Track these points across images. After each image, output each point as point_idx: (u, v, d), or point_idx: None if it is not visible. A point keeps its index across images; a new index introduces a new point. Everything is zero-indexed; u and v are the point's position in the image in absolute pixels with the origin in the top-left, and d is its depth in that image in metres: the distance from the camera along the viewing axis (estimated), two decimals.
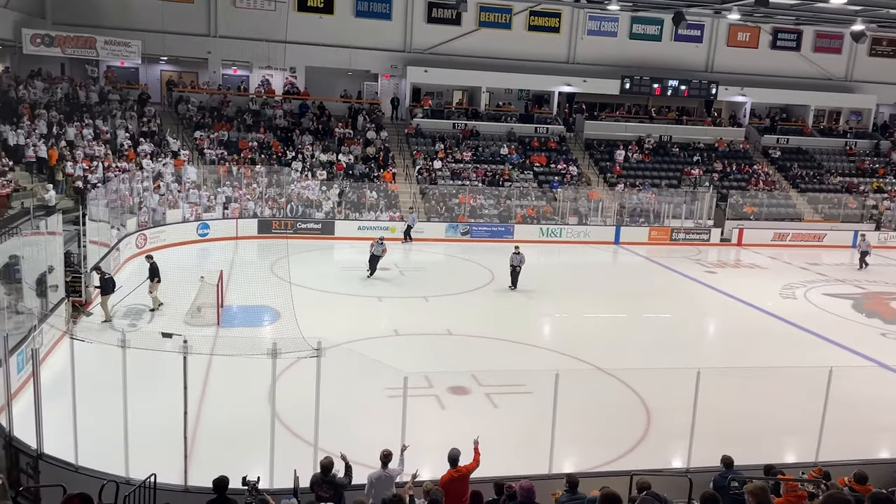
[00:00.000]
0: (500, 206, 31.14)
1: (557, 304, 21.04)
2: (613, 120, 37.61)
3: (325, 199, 29.30)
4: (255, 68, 34.67)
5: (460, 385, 13.69)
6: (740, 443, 11.24)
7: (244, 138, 31.26)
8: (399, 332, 17.25)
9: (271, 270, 22.39)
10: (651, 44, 37.32)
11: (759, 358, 15.76)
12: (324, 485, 8.02)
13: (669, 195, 32.64)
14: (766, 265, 28.03)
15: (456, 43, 35.48)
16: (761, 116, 39.97)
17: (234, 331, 16.17)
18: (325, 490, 7.99)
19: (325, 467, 8.13)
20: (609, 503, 4.66)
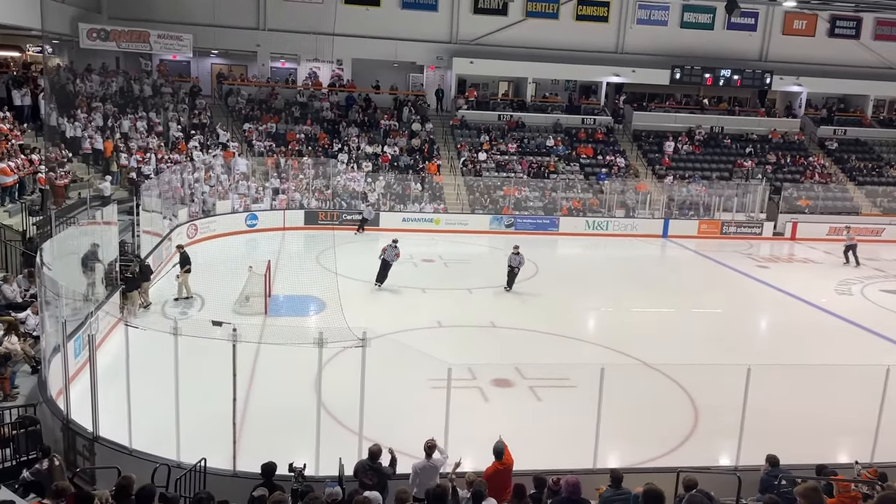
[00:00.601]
0: (546, 198, 30.90)
1: (603, 298, 20.79)
2: (663, 111, 36.91)
3: (370, 191, 29.52)
4: (302, 61, 35.06)
5: (504, 378, 13.66)
6: (791, 441, 10.96)
7: (292, 130, 31.68)
8: (442, 324, 17.28)
9: (317, 261, 22.67)
10: (703, 32, 36.44)
11: (811, 355, 15.32)
12: (369, 472, 8.09)
13: (720, 188, 31.92)
14: (821, 260, 27.21)
15: (502, 34, 35.24)
16: (817, 107, 38.71)
17: (281, 320, 16.42)
18: (369, 477, 8.05)
19: (373, 454, 8.20)
20: (652, 499, 4.58)
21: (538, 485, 7.77)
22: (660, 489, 4.79)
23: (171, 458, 9.18)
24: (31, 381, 12.09)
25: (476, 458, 9.69)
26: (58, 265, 12.36)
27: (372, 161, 30.97)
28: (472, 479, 7.36)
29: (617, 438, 11.09)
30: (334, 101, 33.89)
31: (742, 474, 8.68)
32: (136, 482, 6.58)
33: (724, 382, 11.47)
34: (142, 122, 28.50)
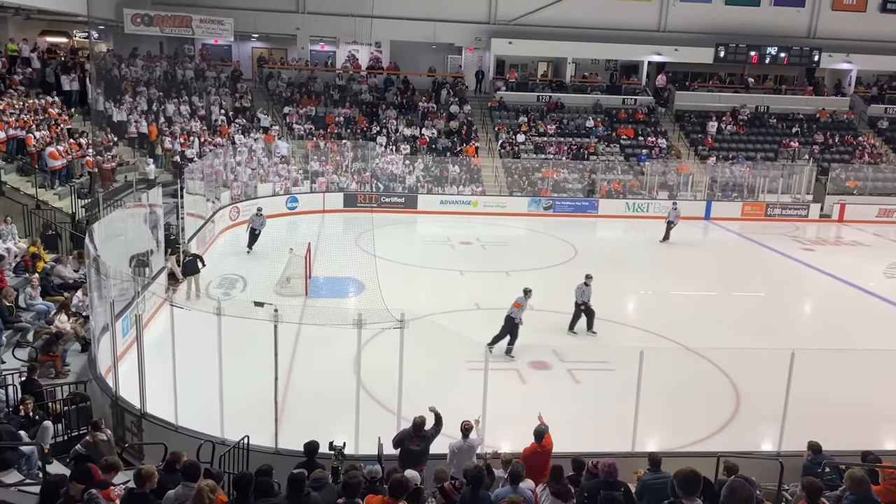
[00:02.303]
0: (585, 180, 30.58)
1: (643, 281, 20.58)
2: (706, 90, 36.09)
3: (408, 173, 29.60)
4: (341, 44, 35.14)
5: (541, 360, 13.67)
6: (836, 427, 10.76)
7: (331, 113, 31.87)
8: (480, 306, 17.31)
9: (356, 243, 22.86)
10: (748, 9, 35.36)
11: (858, 340, 14.96)
12: (415, 438, 8.38)
13: (765, 168, 31.18)
14: (870, 243, 26.47)
15: (541, 13, 34.75)
16: (868, 85, 37.42)
17: (321, 301, 16.64)
18: (416, 443, 8.34)
19: (418, 425, 8.44)
20: (686, 482, 4.53)
21: (576, 467, 7.78)
22: (696, 472, 4.74)
23: (216, 434, 9.42)
24: (81, 360, 12.50)
25: (513, 440, 9.75)
26: (106, 247, 12.70)
27: (410, 143, 31.00)
28: (509, 459, 7.40)
29: (656, 422, 11.03)
30: (373, 84, 33.95)
31: (784, 460, 8.56)
32: (183, 458, 6.78)
33: (766, 367, 11.29)
34: (185, 106, 28.97)
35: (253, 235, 21.19)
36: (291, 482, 6.01)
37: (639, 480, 7.48)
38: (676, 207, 25.03)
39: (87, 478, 6.26)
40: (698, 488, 4.67)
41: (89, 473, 6.34)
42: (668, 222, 24.59)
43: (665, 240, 24.60)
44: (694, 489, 4.57)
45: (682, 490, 4.55)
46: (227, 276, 18.53)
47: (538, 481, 7.54)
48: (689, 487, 4.54)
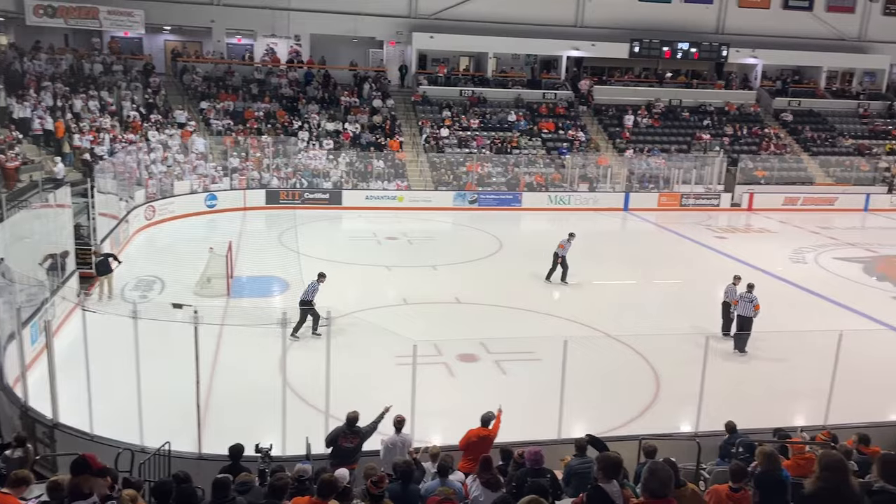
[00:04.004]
0: (509, 173, 30.97)
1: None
2: (622, 84, 37.14)
3: (332, 169, 29.25)
4: (259, 37, 34.34)
5: (469, 353, 13.77)
6: (750, 407, 11.30)
7: (250, 108, 31.11)
8: (408, 301, 17.31)
9: (280, 241, 22.44)
10: (660, 6, 36.58)
11: (768, 322, 15.69)
12: (349, 434, 8.34)
13: (679, 160, 32.36)
14: (777, 230, 27.87)
15: (461, 8, 34.95)
16: (773, 78, 39.36)
17: (244, 301, 16.27)
18: (349, 440, 8.31)
19: (351, 420, 8.38)
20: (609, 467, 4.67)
21: (505, 457, 7.88)
22: (616, 456, 4.89)
23: (135, 442, 9.07)
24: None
25: (444, 432, 9.80)
26: (10, 250, 12.02)
27: (333, 138, 30.63)
28: (437, 453, 7.43)
29: (582, 409, 11.30)
30: (293, 78, 33.34)
31: (701, 440, 8.90)
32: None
33: (684, 351, 11.74)
34: (94, 101, 27.68)
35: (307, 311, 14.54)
36: (216, 487, 5.85)
37: (566, 466, 7.65)
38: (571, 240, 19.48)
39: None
40: (618, 472, 4.81)
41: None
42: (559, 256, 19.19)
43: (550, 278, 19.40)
44: (613, 473, 4.71)
45: (602, 473, 4.69)
46: (144, 277, 17.85)
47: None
48: (608, 471, 4.68)
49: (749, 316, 14.45)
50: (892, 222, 29.92)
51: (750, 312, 14.44)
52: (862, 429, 9.30)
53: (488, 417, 8.60)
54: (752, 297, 14.53)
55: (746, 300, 14.57)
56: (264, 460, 7.80)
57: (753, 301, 14.50)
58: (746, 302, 14.55)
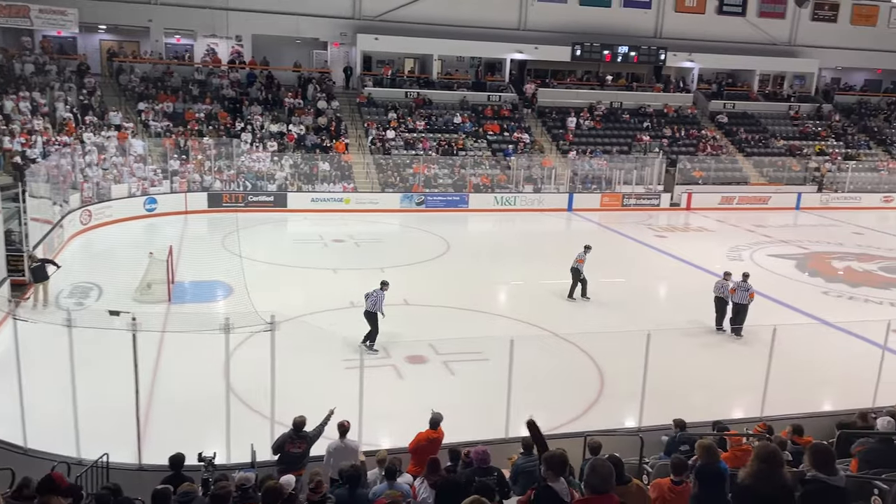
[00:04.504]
0: (455, 175, 31.09)
1: (513, 272, 21.20)
2: (565, 87, 37.71)
3: (276, 171, 28.85)
4: (199, 37, 33.65)
5: (418, 354, 13.76)
6: (691, 401, 11.61)
7: (190, 109, 30.43)
8: (355, 304, 17.12)
9: (223, 245, 22.01)
10: (601, 10, 37.33)
11: (708, 319, 16.18)
12: (296, 440, 8.21)
13: (620, 161, 33.04)
14: (714, 228, 28.72)
15: (406, 10, 34.96)
16: (709, 82, 40.55)
17: (186, 307, 15.90)
18: (296, 445, 8.19)
19: (298, 425, 8.26)
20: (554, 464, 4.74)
21: (453, 458, 7.91)
22: (562, 453, 4.97)
23: (71, 455, 8.77)
24: None
25: (393, 435, 9.78)
26: None
27: (277, 140, 30.22)
28: (384, 457, 7.41)
29: (529, 407, 11.32)
30: (235, 79, 32.76)
31: (644, 435, 9.11)
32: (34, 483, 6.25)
33: (627, 348, 11.97)
34: (25, 102, 26.65)
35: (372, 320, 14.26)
36: (155, 499, 5.71)
37: (513, 465, 7.72)
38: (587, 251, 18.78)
39: None
40: (564, 468, 4.89)
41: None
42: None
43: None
44: (560, 469, 4.78)
45: (549, 471, 4.75)
46: (80, 284, 17.26)
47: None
48: (555, 468, 4.75)
49: (745, 303, 15.60)
50: (822, 220, 31.19)
51: (745, 300, 15.60)
52: (796, 420, 9.68)
53: (437, 419, 8.61)
54: (748, 286, 15.75)
55: (743, 289, 15.72)
56: (207, 469, 7.64)
57: (749, 289, 15.71)
58: (743, 290, 15.68)
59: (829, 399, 12.68)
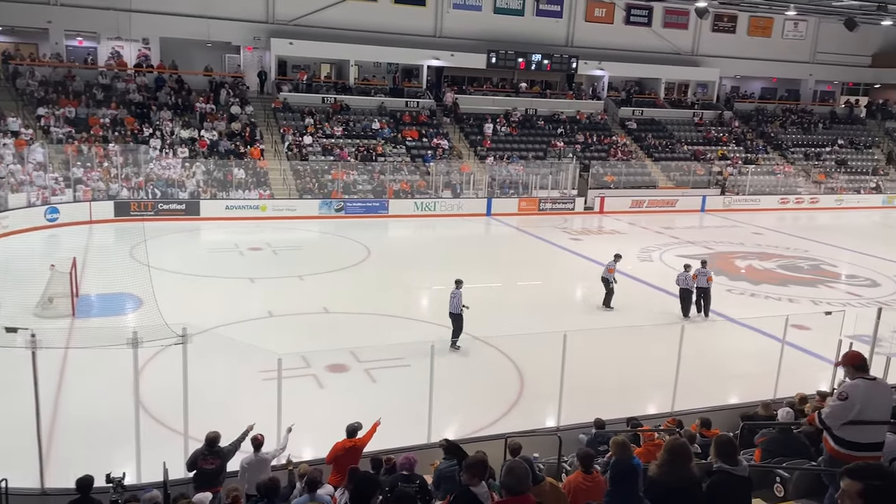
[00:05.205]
0: (374, 181, 30.96)
1: (434, 277, 21.23)
2: (481, 94, 38.22)
3: (188, 178, 27.95)
4: (103, 39, 32.25)
5: (339, 363, 13.60)
6: (607, 399, 11.95)
7: (94, 115, 29.11)
8: (273, 314, 16.85)
9: (131, 255, 21.14)
10: (515, 18, 38.05)
11: (622, 319, 16.72)
12: (209, 456, 7.95)
13: (536, 166, 33.74)
14: (626, 231, 29.70)
15: (321, 14, 34.61)
16: (618, 89, 41.96)
17: (92, 321, 15.17)
18: (210, 462, 7.92)
19: (211, 441, 8.00)
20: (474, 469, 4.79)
21: (374, 465, 7.86)
22: (481, 456, 5.02)
23: None
24: None
25: (315, 446, 9.63)
26: None
27: (188, 146, 29.29)
28: (306, 471, 7.28)
29: (451, 411, 11.49)
30: (142, 83, 31.56)
31: (562, 434, 9.31)
32: None
33: (545, 349, 12.20)
34: None
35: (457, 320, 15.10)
36: None
37: (435, 470, 7.74)
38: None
39: None
40: (483, 471, 4.94)
41: None
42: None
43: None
44: (479, 473, 4.82)
45: (468, 475, 4.79)
46: None
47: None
48: (474, 472, 4.79)
49: (707, 286, 17.61)
50: (725, 221, 32.78)
51: (705, 283, 17.60)
52: (704, 414, 10.11)
53: (354, 428, 8.51)
54: (707, 272, 17.79)
55: (703, 274, 17.65)
56: (117, 490, 7.30)
57: (707, 274, 17.75)
58: (702, 275, 17.62)
59: (735, 392, 13.30)
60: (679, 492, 4.64)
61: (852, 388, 5.76)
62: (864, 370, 5.92)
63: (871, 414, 5.68)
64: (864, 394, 5.70)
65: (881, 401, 5.79)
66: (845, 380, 6.20)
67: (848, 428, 5.70)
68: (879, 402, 5.76)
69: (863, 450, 5.69)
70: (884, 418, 5.80)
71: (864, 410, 5.67)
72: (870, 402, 5.68)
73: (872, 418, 5.69)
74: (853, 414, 5.66)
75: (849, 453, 5.68)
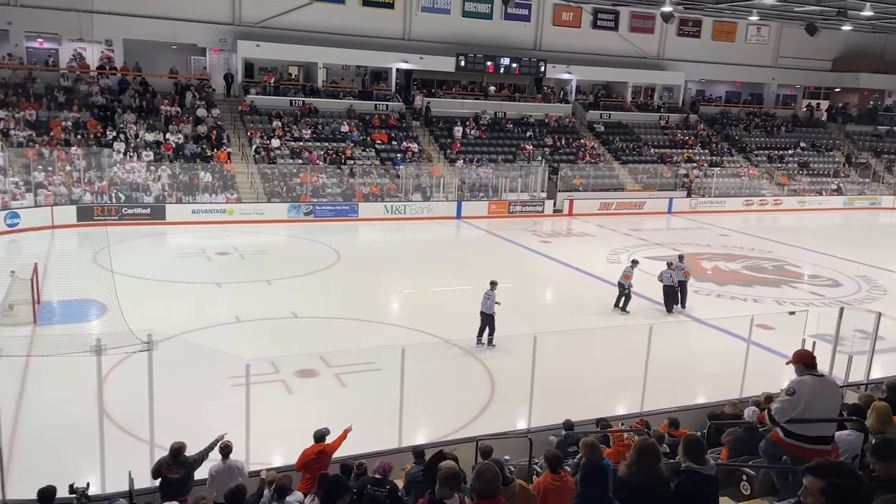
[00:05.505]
0: (344, 184, 30.81)
1: (404, 280, 21.25)
2: (451, 97, 38.29)
3: (153, 182, 27.52)
4: (64, 41, 31.62)
5: (308, 368, 13.49)
6: (577, 401, 12.02)
7: (56, 118, 28.52)
8: (241, 319, 16.65)
9: (95, 261, 20.72)
10: (483, 22, 38.20)
11: (591, 320, 16.84)
12: (174, 466, 7.80)
13: (506, 170, 33.88)
14: (595, 233, 29.96)
15: (288, 17, 34.36)
16: (586, 93, 42.35)
17: (55, 328, 14.85)
18: (175, 471, 7.77)
19: (175, 451, 7.83)
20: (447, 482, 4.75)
21: (344, 471, 7.80)
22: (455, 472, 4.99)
23: None
24: None
25: (285, 452, 9.53)
26: None
27: (153, 149, 28.85)
28: (274, 478, 7.20)
29: (422, 415, 11.46)
30: (105, 85, 31.01)
31: (533, 436, 9.34)
32: None
33: (515, 352, 12.29)
34: None
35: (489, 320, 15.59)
36: None
37: (406, 475, 7.71)
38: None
39: None
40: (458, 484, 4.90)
41: None
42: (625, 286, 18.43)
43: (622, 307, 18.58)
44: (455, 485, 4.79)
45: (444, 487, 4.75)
46: None
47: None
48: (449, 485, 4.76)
49: (685, 280, 18.48)
50: (691, 223, 33.26)
51: (682, 277, 18.38)
52: (672, 413, 10.23)
53: (322, 433, 8.44)
54: (684, 266, 18.62)
55: (679, 269, 18.38)
56: (81, 501, 7.14)
57: (685, 268, 18.57)
58: (679, 270, 18.38)
59: (702, 392, 13.48)
60: (648, 491, 4.69)
61: (799, 384, 5.93)
62: (812, 367, 6.10)
63: (817, 409, 5.85)
64: (810, 390, 5.87)
65: (827, 397, 5.97)
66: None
67: (798, 423, 5.87)
68: (826, 399, 5.94)
69: (811, 443, 5.86)
70: (830, 415, 5.97)
71: (810, 406, 5.84)
72: (816, 398, 5.86)
73: (818, 414, 5.86)
74: (799, 409, 5.83)
75: (797, 444, 5.85)
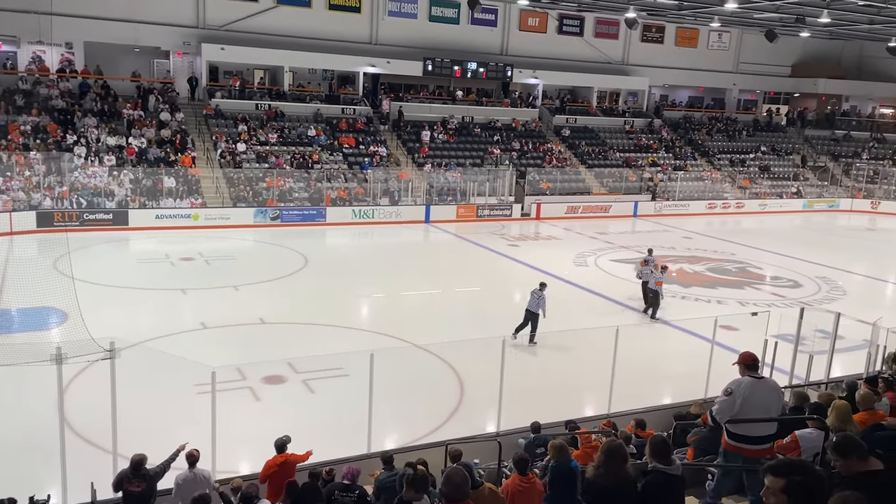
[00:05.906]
0: (311, 188, 30.60)
1: (373, 285, 21.17)
2: (419, 101, 38.30)
3: (115, 187, 27.02)
4: (23, 43, 30.91)
5: (276, 374, 13.36)
6: (546, 402, 12.09)
7: (14, 121, 27.86)
8: (207, 325, 16.43)
9: (55, 267, 20.26)
10: (450, 26, 38.31)
11: (559, 323, 16.93)
12: (134, 479, 7.62)
13: (474, 173, 33.98)
14: (562, 236, 30.21)
15: (253, 20, 34.07)
16: (552, 97, 42.71)
17: (13, 337, 14.48)
18: (136, 484, 7.61)
19: (136, 463, 7.65)
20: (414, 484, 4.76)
21: (312, 478, 7.73)
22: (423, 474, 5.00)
23: None
24: None
25: (251, 459, 9.42)
26: None
27: (116, 154, 28.33)
28: (239, 485, 7.11)
29: (392, 421, 11.42)
30: (65, 89, 30.38)
31: (502, 439, 9.37)
32: None
33: (484, 355, 12.30)
34: None
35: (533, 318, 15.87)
36: None
37: (375, 481, 7.68)
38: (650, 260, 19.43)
39: None
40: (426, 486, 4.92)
41: None
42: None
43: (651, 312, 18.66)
44: (423, 487, 4.81)
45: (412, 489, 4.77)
46: None
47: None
48: (416, 487, 4.77)
49: (657, 290, 18.49)
50: (656, 226, 33.73)
51: (658, 275, 18.66)
52: (639, 414, 10.35)
53: (283, 441, 8.34)
54: (654, 259, 19.29)
55: (652, 262, 18.92)
56: None
57: (656, 262, 19.07)
58: (652, 263, 18.80)
59: (668, 393, 13.66)
60: (615, 492, 4.74)
61: (736, 385, 6.15)
62: (753, 369, 6.30)
63: (754, 409, 6.03)
64: (747, 390, 6.07)
65: (765, 397, 6.17)
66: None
67: (737, 423, 6.05)
68: (763, 399, 6.14)
69: (752, 443, 6.04)
70: (767, 414, 6.15)
71: (747, 405, 6.03)
72: (752, 397, 6.05)
73: (756, 414, 6.03)
74: (736, 408, 6.02)
75: (740, 446, 6.03)
